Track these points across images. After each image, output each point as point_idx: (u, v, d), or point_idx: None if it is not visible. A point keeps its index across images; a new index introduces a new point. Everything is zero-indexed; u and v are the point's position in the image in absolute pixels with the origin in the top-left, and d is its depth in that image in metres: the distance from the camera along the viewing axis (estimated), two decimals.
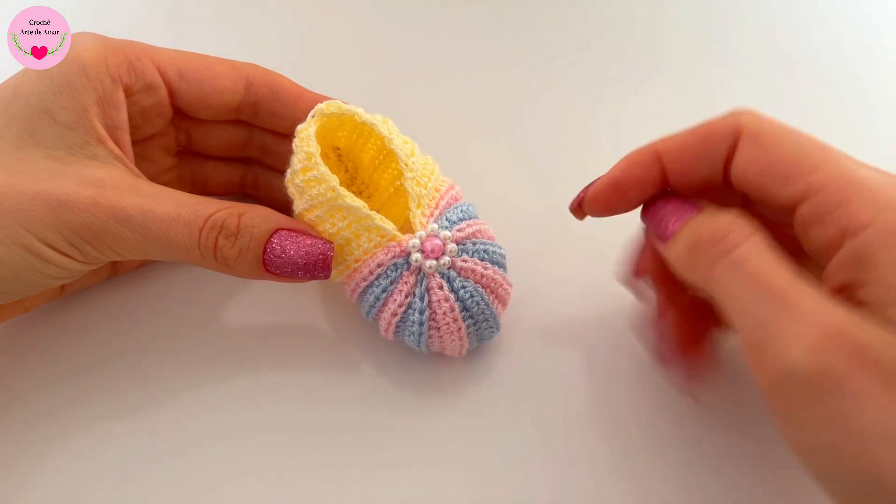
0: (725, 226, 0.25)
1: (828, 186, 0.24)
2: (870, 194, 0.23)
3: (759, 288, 0.23)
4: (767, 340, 0.22)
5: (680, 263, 0.27)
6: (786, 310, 0.22)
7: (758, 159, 0.25)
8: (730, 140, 0.26)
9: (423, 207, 0.31)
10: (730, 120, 0.26)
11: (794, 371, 0.21)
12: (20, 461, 0.31)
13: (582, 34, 0.48)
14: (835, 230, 0.23)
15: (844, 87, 0.46)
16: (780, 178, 0.25)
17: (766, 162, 0.25)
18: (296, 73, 0.35)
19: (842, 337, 0.20)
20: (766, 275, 0.23)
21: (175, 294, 0.35)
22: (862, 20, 0.49)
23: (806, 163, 0.24)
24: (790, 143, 0.25)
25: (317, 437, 0.31)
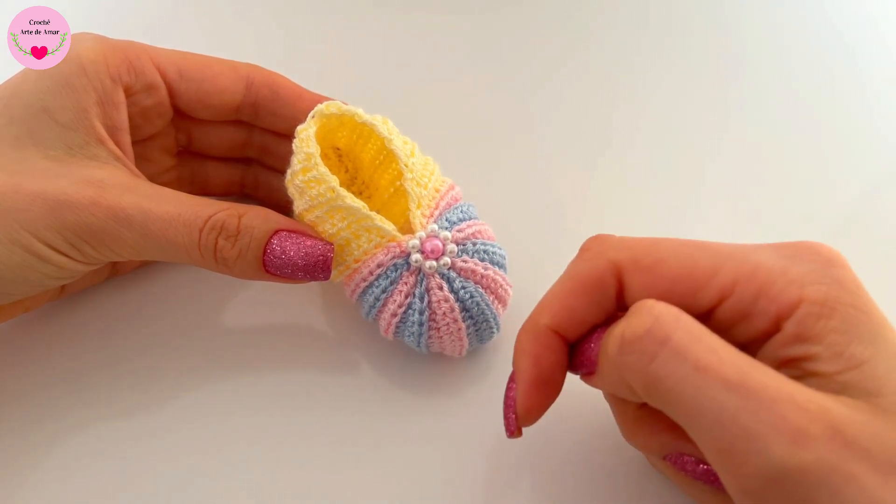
0: (646, 317, 0.22)
1: (739, 283, 0.23)
2: (781, 275, 0.22)
3: (711, 381, 0.20)
4: (738, 441, 0.20)
5: (614, 382, 0.24)
6: (751, 400, 0.20)
7: (654, 285, 0.24)
8: (613, 282, 0.25)
9: (423, 208, 0.31)
10: (601, 263, 0.25)
11: (780, 471, 0.19)
12: (20, 461, 0.31)
13: (582, 34, 0.48)
14: (766, 320, 0.22)
15: (846, 88, 0.46)
16: (685, 294, 0.23)
17: (663, 285, 0.24)
18: (296, 73, 0.35)
19: (820, 422, 0.19)
20: (714, 364, 0.20)
21: (175, 294, 0.35)
22: (865, 20, 0.49)
23: (701, 270, 0.23)
24: (673, 258, 0.24)
25: (317, 437, 0.31)
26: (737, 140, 0.43)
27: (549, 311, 0.25)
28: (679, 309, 0.22)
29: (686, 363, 0.21)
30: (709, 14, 0.49)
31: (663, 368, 0.21)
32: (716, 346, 0.21)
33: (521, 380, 0.25)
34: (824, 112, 0.44)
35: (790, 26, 0.49)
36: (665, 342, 0.21)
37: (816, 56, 0.47)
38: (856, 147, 0.43)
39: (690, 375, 0.20)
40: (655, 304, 0.22)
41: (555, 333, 0.25)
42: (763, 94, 0.45)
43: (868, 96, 0.45)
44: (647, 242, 0.25)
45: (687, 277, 0.24)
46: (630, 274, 0.24)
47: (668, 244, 0.25)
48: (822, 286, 0.22)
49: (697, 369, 0.20)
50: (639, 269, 0.24)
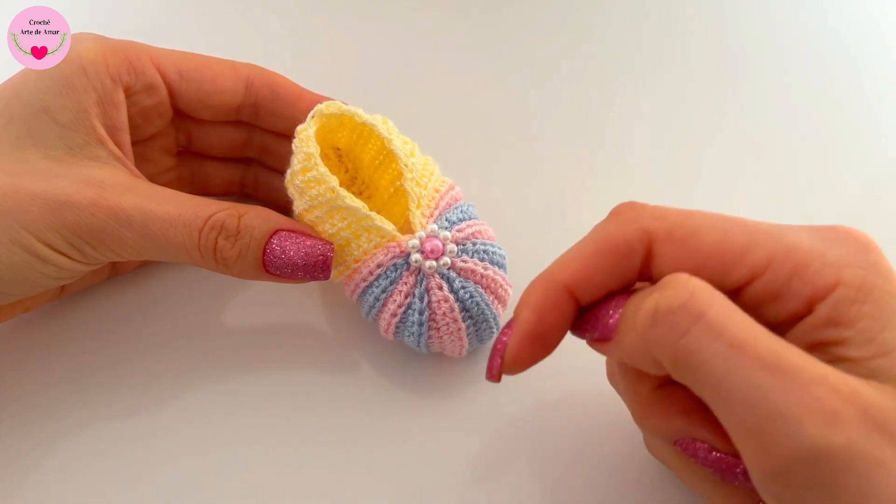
0: (682, 290, 0.21)
1: (773, 263, 0.22)
2: (819, 257, 0.22)
3: (745, 359, 0.20)
4: (769, 421, 0.19)
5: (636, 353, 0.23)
6: (785, 380, 0.19)
7: (685, 258, 0.23)
8: (642, 250, 0.24)
9: (422, 208, 0.31)
10: (633, 229, 0.24)
11: (810, 452, 0.19)
12: (20, 461, 0.31)
13: (582, 34, 0.48)
14: (799, 301, 0.22)
15: (845, 87, 0.46)
16: (717, 269, 0.23)
17: (695, 259, 0.23)
18: (296, 73, 0.35)
19: (852, 405, 0.19)
20: (749, 342, 0.20)
21: (175, 294, 0.35)
22: (865, 20, 0.49)
23: (734, 246, 0.23)
24: (707, 232, 0.23)
25: (317, 437, 0.31)
26: (736, 140, 0.43)
27: (569, 269, 0.24)
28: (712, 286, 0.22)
29: (720, 340, 0.20)
30: (708, 14, 0.49)
31: (696, 343, 0.20)
32: (749, 325, 0.21)
33: (519, 329, 0.24)
34: (824, 112, 0.44)
35: (789, 26, 0.49)
36: (700, 317, 0.21)
37: (816, 56, 0.47)
38: (856, 147, 0.43)
39: (724, 352, 0.20)
40: (691, 279, 0.22)
41: (568, 292, 0.24)
42: (762, 93, 0.45)
43: (868, 96, 0.45)
44: (682, 214, 0.24)
45: (720, 253, 0.23)
46: (662, 244, 0.24)
47: (702, 217, 0.24)
48: (860, 270, 0.22)
49: (732, 346, 0.20)
50: (671, 241, 0.23)
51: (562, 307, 0.24)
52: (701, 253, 0.23)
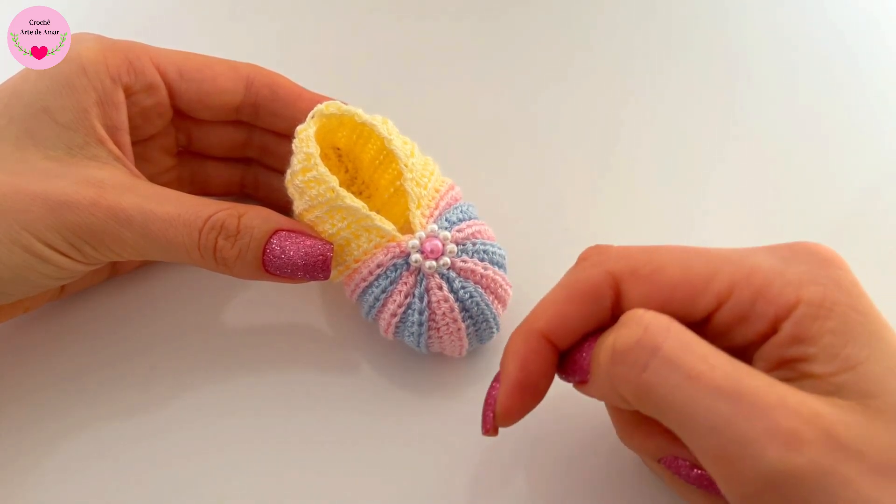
0: (636, 327, 0.22)
1: (736, 287, 0.23)
2: (779, 276, 0.22)
3: (703, 389, 0.20)
4: (733, 447, 0.20)
5: (605, 392, 0.24)
6: (743, 406, 0.20)
7: (652, 294, 0.24)
8: (610, 292, 0.24)
9: (422, 208, 0.31)
10: (598, 273, 0.25)
11: (775, 475, 0.19)
12: (20, 461, 0.31)
13: (582, 34, 0.48)
14: (764, 322, 0.22)
15: (847, 88, 0.46)
16: (684, 301, 0.23)
17: (662, 294, 0.24)
18: (295, 73, 0.35)
19: (812, 425, 0.19)
20: (705, 372, 0.20)
21: (175, 294, 0.35)
22: (866, 21, 0.49)
23: (698, 276, 0.23)
24: (671, 266, 0.24)
25: (317, 436, 0.31)
26: (736, 140, 0.43)
27: (544, 317, 0.25)
28: (669, 317, 0.22)
29: (677, 371, 0.21)
30: (709, 18, 0.49)
31: (655, 377, 0.21)
32: (707, 353, 0.21)
33: (506, 381, 0.25)
34: (825, 113, 0.44)
35: (791, 28, 0.49)
36: (655, 351, 0.21)
37: (817, 57, 0.47)
38: (857, 147, 0.43)
39: (682, 384, 0.20)
40: (645, 314, 0.22)
41: (546, 339, 0.25)
42: (764, 95, 0.45)
43: (869, 97, 0.45)
44: (645, 252, 0.25)
45: (684, 284, 0.23)
46: (628, 284, 0.24)
47: (665, 252, 0.24)
48: (819, 287, 0.22)
49: (689, 377, 0.20)
50: (637, 279, 0.24)
51: (543, 354, 0.25)
52: (667, 287, 0.24)
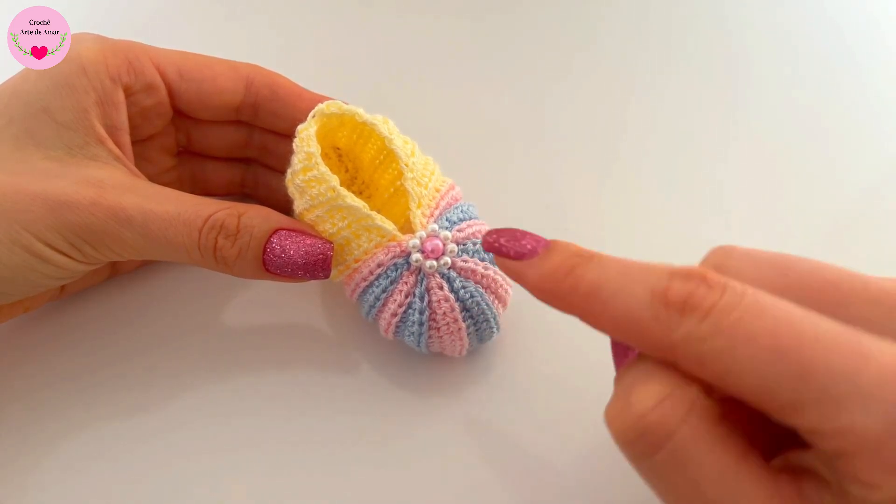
0: (649, 408, 0.20)
1: (824, 437, 0.19)
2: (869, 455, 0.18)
3: (683, 498, 0.20)
4: None
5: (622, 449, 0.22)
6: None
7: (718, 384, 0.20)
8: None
9: (423, 207, 0.31)
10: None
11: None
12: (20, 461, 0.30)
13: (583, 34, 0.48)
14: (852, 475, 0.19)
15: (847, 88, 0.46)
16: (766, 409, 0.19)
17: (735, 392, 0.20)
18: (296, 73, 0.35)
19: None
20: (696, 494, 0.19)
21: (175, 294, 0.35)
22: (866, 22, 0.49)
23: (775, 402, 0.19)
24: (747, 374, 0.19)
25: (317, 436, 0.31)
26: (737, 141, 0.43)
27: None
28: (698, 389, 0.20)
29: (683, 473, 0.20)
30: (709, 19, 0.49)
31: (661, 469, 0.20)
32: (716, 453, 0.19)
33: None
34: (826, 113, 0.44)
35: (792, 28, 0.49)
36: (664, 441, 0.20)
37: (818, 57, 0.47)
38: (857, 147, 0.43)
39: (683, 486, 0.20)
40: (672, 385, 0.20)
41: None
42: (765, 96, 0.45)
43: (869, 97, 0.45)
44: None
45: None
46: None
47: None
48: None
49: (691, 482, 0.19)
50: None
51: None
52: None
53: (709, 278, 0.20)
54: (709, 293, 0.19)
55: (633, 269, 0.21)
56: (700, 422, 0.19)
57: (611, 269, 0.22)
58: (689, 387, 0.20)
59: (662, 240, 0.38)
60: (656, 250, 0.38)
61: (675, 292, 0.20)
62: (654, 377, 0.20)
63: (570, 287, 0.22)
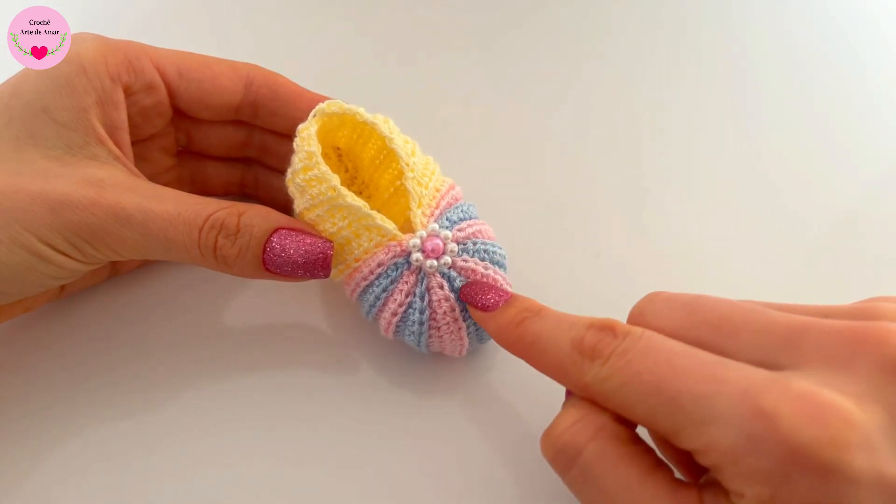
0: (563, 429, 0.24)
1: (698, 454, 0.22)
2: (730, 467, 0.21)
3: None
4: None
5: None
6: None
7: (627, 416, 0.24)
8: None
9: (423, 207, 0.31)
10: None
11: None
12: (20, 461, 0.30)
13: (583, 35, 0.48)
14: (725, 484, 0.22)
15: (849, 89, 0.46)
16: (660, 437, 0.25)
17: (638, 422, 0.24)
18: (296, 73, 0.35)
19: None
20: (614, 491, 0.23)
21: (175, 294, 0.35)
22: (867, 23, 0.49)
23: (661, 431, 0.23)
24: (637, 407, 0.23)
25: (317, 436, 0.31)
26: (736, 141, 0.43)
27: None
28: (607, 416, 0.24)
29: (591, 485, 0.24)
30: (713, 21, 0.49)
31: (574, 482, 0.24)
32: (618, 468, 0.23)
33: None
34: (829, 114, 0.44)
35: (795, 29, 0.49)
36: (575, 457, 0.24)
37: (820, 58, 0.47)
38: (861, 148, 0.43)
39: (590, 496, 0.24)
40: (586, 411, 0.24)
41: None
42: (767, 100, 0.45)
43: (871, 97, 0.45)
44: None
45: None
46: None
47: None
48: (767, 489, 0.20)
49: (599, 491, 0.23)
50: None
51: None
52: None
53: (616, 328, 0.24)
54: (612, 341, 0.24)
55: (563, 322, 0.26)
56: (607, 442, 0.23)
57: (548, 322, 0.26)
58: (600, 414, 0.24)
59: (663, 241, 0.38)
60: (657, 251, 0.38)
61: (587, 342, 0.24)
62: (573, 406, 0.25)
63: (517, 337, 0.27)
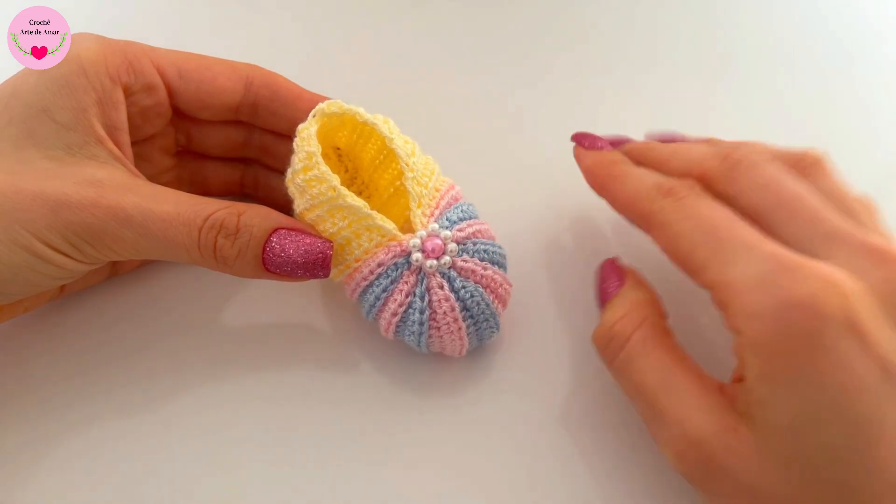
0: (614, 322, 0.28)
1: (715, 288, 0.26)
2: (737, 300, 0.25)
3: (638, 395, 0.27)
4: (652, 436, 0.27)
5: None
6: (658, 418, 0.26)
7: (666, 249, 0.28)
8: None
9: (423, 207, 0.31)
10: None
11: (674, 467, 0.26)
12: (20, 461, 0.30)
13: (582, 33, 0.48)
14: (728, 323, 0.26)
15: (845, 88, 0.46)
16: (689, 270, 0.27)
17: (674, 255, 0.28)
18: (295, 73, 0.35)
19: (698, 449, 0.25)
20: (642, 383, 0.27)
21: (175, 294, 0.35)
22: (861, 18, 0.49)
23: (694, 262, 0.27)
24: (684, 238, 0.27)
25: (316, 436, 0.31)
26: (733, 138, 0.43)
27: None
28: (651, 307, 0.29)
29: (626, 376, 0.28)
30: (703, 13, 0.49)
31: (616, 372, 0.29)
32: (654, 359, 0.27)
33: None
34: (823, 113, 0.44)
35: (786, 25, 0.49)
36: (619, 349, 0.28)
37: (812, 55, 0.47)
38: (854, 147, 0.43)
39: (627, 385, 0.28)
40: (635, 303, 0.29)
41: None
42: (759, 94, 0.45)
43: (865, 96, 0.45)
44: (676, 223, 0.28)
45: (687, 261, 0.28)
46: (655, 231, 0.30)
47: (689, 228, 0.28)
48: (763, 325, 0.24)
49: (631, 383, 0.28)
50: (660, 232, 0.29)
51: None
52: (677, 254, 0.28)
53: (696, 186, 0.29)
54: (689, 191, 0.28)
55: (651, 173, 0.31)
56: (649, 329, 0.28)
57: (638, 170, 0.31)
58: (643, 307, 0.29)
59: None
60: (656, 251, 0.38)
61: (668, 184, 0.29)
62: (619, 303, 0.29)
63: (608, 171, 0.32)
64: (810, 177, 0.28)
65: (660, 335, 0.28)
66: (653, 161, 0.32)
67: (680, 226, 0.27)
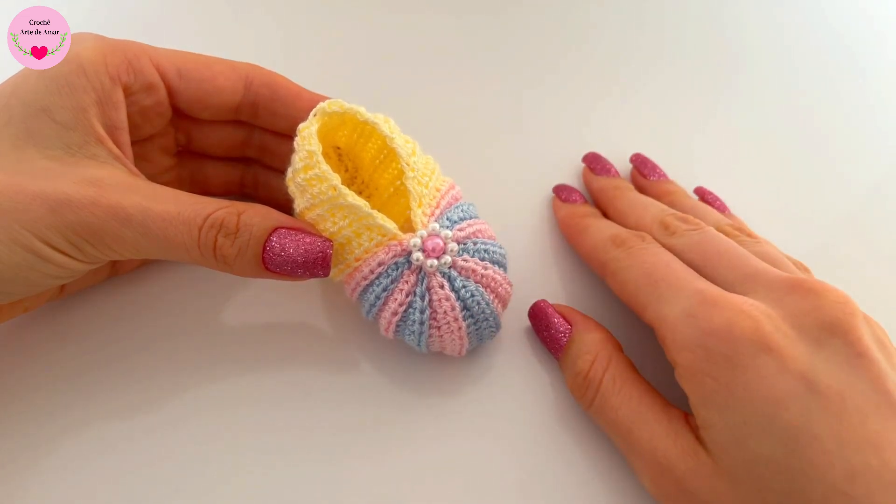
0: (587, 370, 0.30)
1: (655, 324, 0.29)
2: (670, 334, 0.28)
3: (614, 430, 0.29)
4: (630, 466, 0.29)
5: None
6: (632, 449, 0.28)
7: (618, 292, 0.32)
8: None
9: (424, 206, 0.31)
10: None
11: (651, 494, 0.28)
12: (20, 461, 0.30)
13: (582, 34, 0.48)
14: (668, 356, 0.28)
15: (846, 87, 0.46)
16: (636, 310, 0.30)
17: (623, 298, 0.31)
18: (296, 73, 0.35)
19: (668, 474, 0.27)
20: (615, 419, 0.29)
21: (175, 294, 0.35)
22: (864, 20, 0.49)
23: (638, 303, 0.30)
24: (630, 282, 0.31)
25: (316, 436, 0.31)
26: (734, 139, 0.43)
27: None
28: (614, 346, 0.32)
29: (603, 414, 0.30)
30: (708, 11, 0.49)
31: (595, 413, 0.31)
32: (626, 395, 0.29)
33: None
34: (824, 112, 0.44)
35: (790, 26, 0.49)
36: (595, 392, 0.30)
37: (816, 54, 0.47)
38: (856, 147, 0.43)
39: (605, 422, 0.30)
40: (598, 344, 0.31)
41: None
42: (762, 94, 0.45)
43: (868, 95, 0.45)
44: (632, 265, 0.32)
45: (634, 301, 0.31)
46: (608, 279, 0.33)
47: (639, 273, 0.31)
48: (690, 354, 0.27)
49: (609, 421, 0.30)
50: (611, 278, 0.33)
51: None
52: (624, 295, 0.32)
53: (645, 237, 0.32)
54: (638, 241, 0.32)
55: (611, 225, 0.35)
56: (616, 368, 0.30)
57: (601, 222, 0.36)
58: (606, 348, 0.31)
59: None
60: None
61: (621, 236, 0.33)
62: (583, 350, 0.31)
63: (576, 222, 0.36)
64: (745, 243, 0.32)
65: (626, 370, 0.30)
66: (613, 214, 0.36)
67: (627, 273, 0.31)
